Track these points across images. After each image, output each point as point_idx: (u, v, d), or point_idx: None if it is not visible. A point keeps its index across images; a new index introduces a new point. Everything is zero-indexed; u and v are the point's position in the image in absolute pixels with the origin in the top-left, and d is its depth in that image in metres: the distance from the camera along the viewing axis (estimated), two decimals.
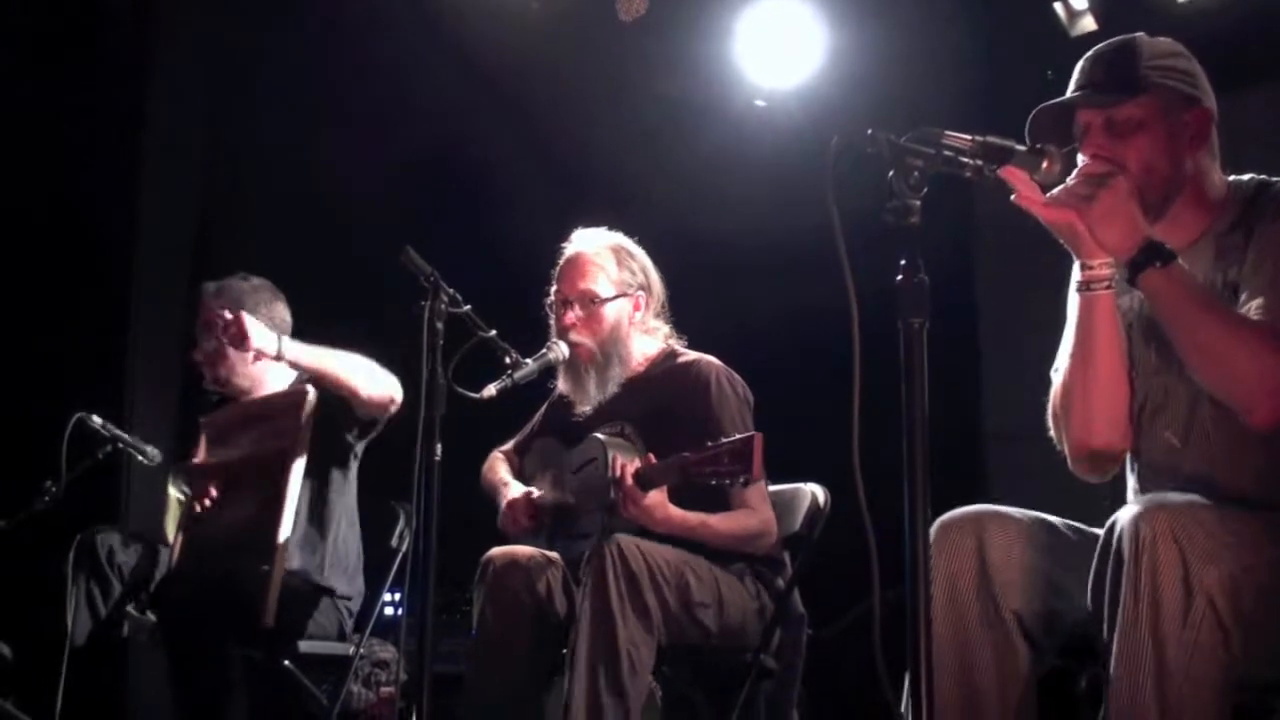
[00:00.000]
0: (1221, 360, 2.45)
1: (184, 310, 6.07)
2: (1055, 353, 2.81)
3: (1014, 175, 2.43)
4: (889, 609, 2.17)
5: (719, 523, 3.62)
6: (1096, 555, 2.41)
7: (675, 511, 3.53)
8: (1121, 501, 2.82)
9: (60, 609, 4.33)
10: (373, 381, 4.24)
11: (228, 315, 4.14)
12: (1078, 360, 2.67)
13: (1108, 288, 2.60)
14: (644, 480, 3.46)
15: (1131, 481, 2.80)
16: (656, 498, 3.47)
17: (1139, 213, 2.50)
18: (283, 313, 4.62)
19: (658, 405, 3.79)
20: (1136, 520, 2.30)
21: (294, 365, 4.22)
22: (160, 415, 5.74)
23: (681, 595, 3.47)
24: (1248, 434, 2.50)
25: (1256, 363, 2.41)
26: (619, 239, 3.98)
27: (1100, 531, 2.41)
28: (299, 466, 4.16)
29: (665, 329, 4.00)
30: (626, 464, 3.49)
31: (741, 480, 3.31)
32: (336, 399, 4.25)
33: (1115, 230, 2.48)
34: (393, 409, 4.28)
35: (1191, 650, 2.25)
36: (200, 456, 4.46)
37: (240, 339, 4.07)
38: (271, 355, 4.12)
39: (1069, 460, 2.77)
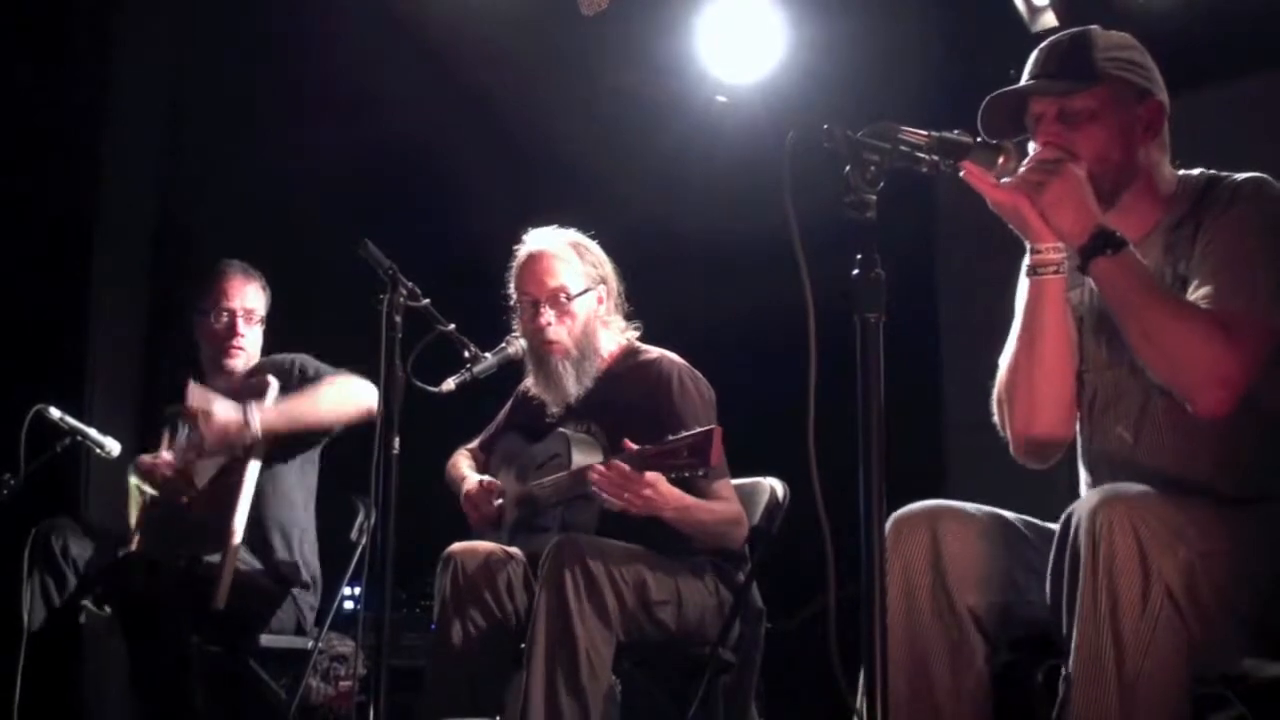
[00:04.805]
0: (1169, 348, 2.46)
1: (144, 303, 6.07)
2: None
3: (970, 169, 2.45)
4: (845, 603, 2.18)
5: (705, 508, 3.58)
6: (1054, 547, 2.41)
7: (673, 489, 3.46)
8: (1077, 494, 2.84)
9: (16, 603, 4.30)
10: (343, 408, 4.30)
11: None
12: (1023, 345, 2.68)
13: (1055, 272, 2.61)
14: (636, 462, 3.40)
15: (1083, 476, 2.81)
16: (654, 477, 3.41)
17: (1091, 199, 2.52)
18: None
19: (621, 403, 3.78)
20: (1094, 510, 2.31)
21: (270, 431, 4.21)
22: (120, 408, 5.70)
23: (640, 593, 3.46)
24: (1199, 428, 2.52)
25: (1204, 350, 2.43)
26: (574, 234, 3.94)
27: (1056, 527, 2.42)
28: (256, 457, 4.19)
29: (623, 323, 3.98)
30: (612, 461, 3.44)
31: (700, 473, 3.31)
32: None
33: (1067, 216, 2.50)
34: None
35: (1150, 639, 2.26)
36: (164, 446, 4.46)
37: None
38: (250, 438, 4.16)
39: (1011, 446, 2.77)
